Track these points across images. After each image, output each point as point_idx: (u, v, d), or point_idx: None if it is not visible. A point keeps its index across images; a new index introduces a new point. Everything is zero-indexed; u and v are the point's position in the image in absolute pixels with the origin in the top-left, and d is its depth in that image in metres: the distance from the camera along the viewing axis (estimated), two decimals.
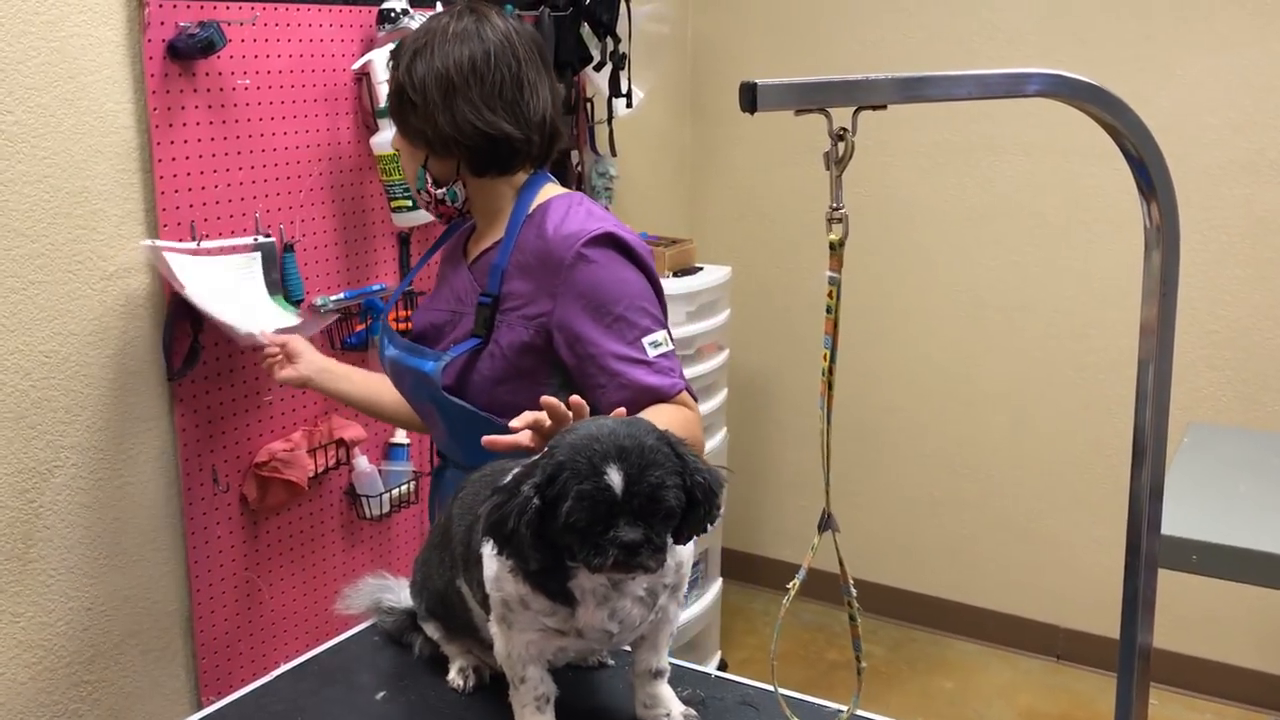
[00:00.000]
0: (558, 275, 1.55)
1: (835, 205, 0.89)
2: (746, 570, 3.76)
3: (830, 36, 3.47)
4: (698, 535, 1.07)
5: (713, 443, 3.19)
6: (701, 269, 3.12)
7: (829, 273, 0.90)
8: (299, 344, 1.94)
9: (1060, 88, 0.93)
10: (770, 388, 3.77)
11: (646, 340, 1.53)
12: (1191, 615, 3.20)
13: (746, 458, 3.78)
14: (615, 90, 3.04)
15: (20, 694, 1.99)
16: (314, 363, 1.92)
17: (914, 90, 0.90)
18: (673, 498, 1.00)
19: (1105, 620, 3.32)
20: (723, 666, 3.34)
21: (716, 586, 3.34)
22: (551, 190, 1.71)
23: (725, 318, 3.19)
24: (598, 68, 2.99)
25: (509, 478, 1.05)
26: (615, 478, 0.98)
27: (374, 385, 1.93)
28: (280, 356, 1.92)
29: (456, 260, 1.79)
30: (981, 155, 3.35)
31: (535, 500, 1.00)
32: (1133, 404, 1.06)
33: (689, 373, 2.98)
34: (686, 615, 3.13)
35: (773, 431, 3.81)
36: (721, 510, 1.05)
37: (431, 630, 1.29)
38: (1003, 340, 3.43)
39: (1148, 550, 1.07)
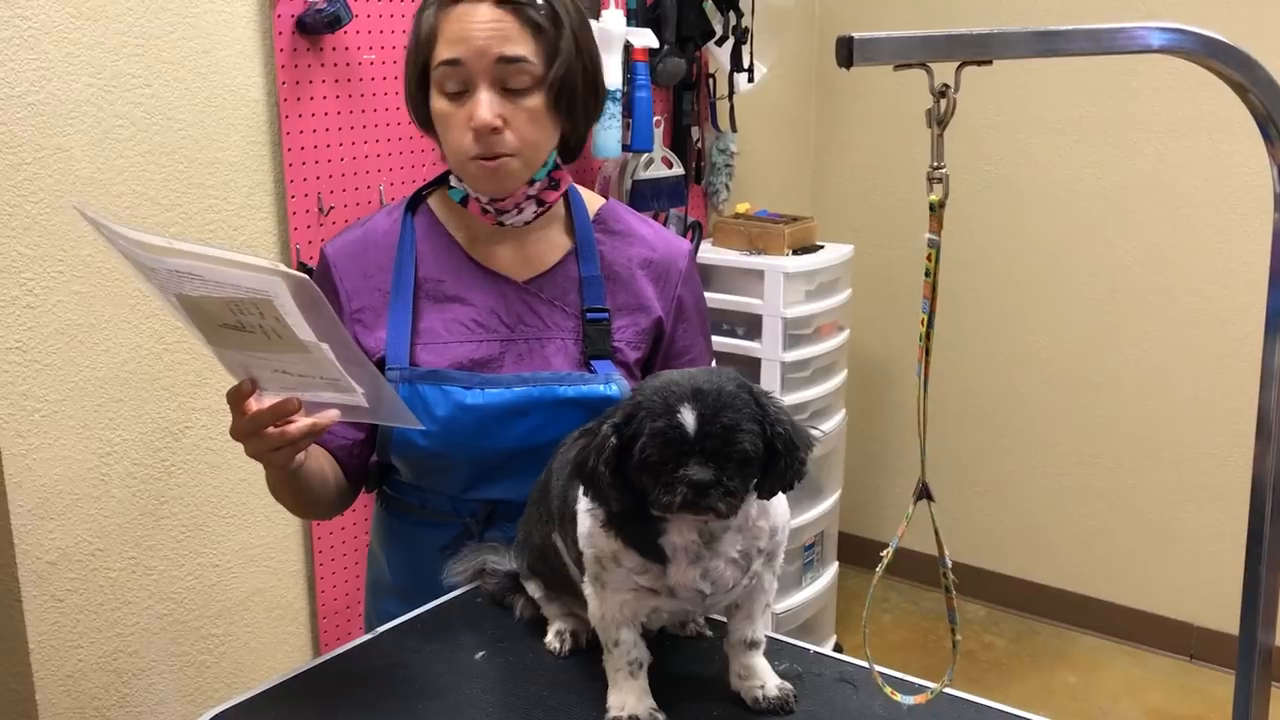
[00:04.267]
0: (673, 284, 1.50)
1: (936, 165, 0.86)
2: (864, 554, 3.70)
3: (967, 8, 3.37)
4: (782, 491, 1.05)
5: (831, 424, 3.15)
6: (822, 247, 3.07)
7: (929, 235, 0.87)
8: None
9: (1182, 43, 0.88)
10: (891, 369, 3.71)
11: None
12: None
13: (865, 440, 3.73)
14: (737, 65, 3.02)
15: (152, 643, 2.09)
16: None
17: (1025, 45, 0.87)
18: (747, 442, 0.98)
19: None
20: (838, 650, 3.31)
21: (833, 570, 3.30)
22: (588, 192, 1.54)
23: (846, 297, 3.14)
24: (719, 42, 2.98)
25: (594, 422, 1.06)
26: (688, 416, 0.97)
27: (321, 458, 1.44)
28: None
29: (473, 278, 1.46)
30: (1122, 132, 3.23)
31: (613, 439, 1.01)
32: None
33: (807, 352, 2.98)
34: (802, 597, 3.10)
35: (893, 414, 3.74)
36: (806, 467, 1.03)
37: (533, 589, 1.30)
38: (1137, 325, 3.30)
39: (1270, 545, 1.02)
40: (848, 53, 0.80)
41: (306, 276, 1.03)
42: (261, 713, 1.17)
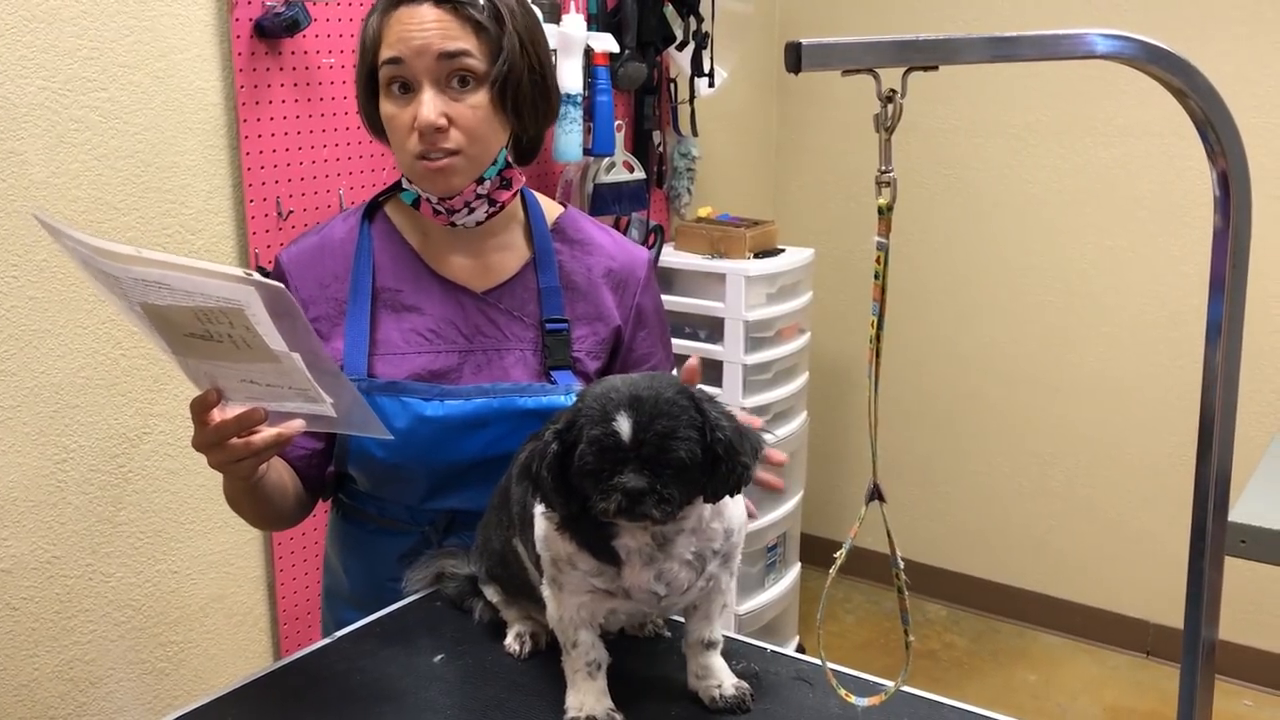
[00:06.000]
0: (632, 293, 1.50)
1: (884, 169, 0.87)
2: (826, 556, 3.70)
3: (925, 16, 3.41)
4: (728, 495, 1.06)
5: (792, 426, 3.17)
6: (783, 250, 3.09)
7: (877, 238, 0.88)
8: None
9: (1125, 49, 0.90)
10: (852, 372, 3.74)
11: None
12: None
13: (827, 442, 3.75)
14: (698, 70, 3.03)
15: (110, 651, 2.07)
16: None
17: (972, 50, 0.88)
18: (683, 449, 0.99)
19: None
20: (800, 651, 3.33)
21: (795, 571, 3.32)
22: (546, 199, 1.54)
23: (807, 300, 3.16)
24: (680, 47, 2.99)
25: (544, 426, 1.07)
26: (624, 424, 0.99)
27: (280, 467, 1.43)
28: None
29: (431, 288, 1.45)
30: (1076, 137, 3.27)
31: (554, 445, 1.02)
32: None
33: (769, 355, 2.99)
34: (764, 598, 3.12)
35: (855, 416, 3.77)
36: (750, 471, 1.04)
37: (491, 594, 1.30)
38: (1094, 327, 3.34)
39: (1213, 541, 1.04)
40: (796, 58, 0.81)
41: (281, 285, 1.02)
42: (219, 718, 1.17)
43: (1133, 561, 3.39)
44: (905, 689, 1.14)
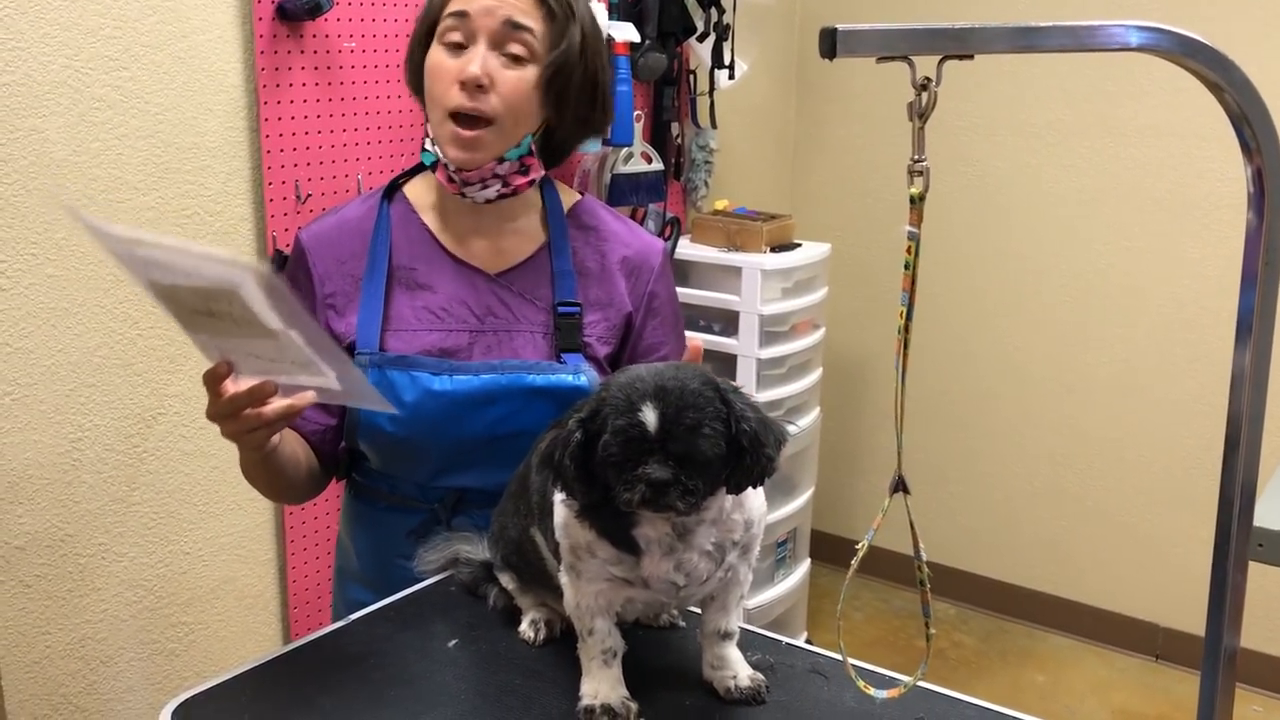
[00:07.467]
0: (645, 281, 1.51)
1: (917, 158, 0.87)
2: (836, 553, 3.72)
3: (947, 11, 3.39)
4: (751, 487, 1.05)
5: (805, 421, 3.16)
6: (800, 245, 3.08)
7: (908, 227, 0.88)
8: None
9: (1160, 42, 0.89)
10: (866, 368, 3.73)
11: None
12: None
13: (839, 438, 3.74)
14: (718, 62, 3.02)
15: (121, 630, 2.07)
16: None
17: (1005, 40, 0.87)
18: (708, 441, 0.99)
19: None
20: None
21: (805, 567, 3.31)
22: (564, 187, 1.54)
23: (822, 295, 3.15)
24: (700, 38, 2.98)
25: (566, 414, 1.06)
26: (650, 415, 0.98)
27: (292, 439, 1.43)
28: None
29: (444, 268, 1.46)
30: (1098, 135, 3.25)
31: (578, 434, 1.01)
32: None
33: (783, 349, 2.99)
34: (774, 594, 3.11)
35: (868, 412, 3.76)
36: (774, 463, 1.03)
37: (506, 580, 1.30)
38: (1111, 328, 3.32)
39: (1237, 547, 1.02)
40: (831, 44, 0.80)
41: (268, 269, 1.04)
42: (230, 700, 1.16)
43: (1144, 564, 3.37)
44: (921, 684, 1.13)
